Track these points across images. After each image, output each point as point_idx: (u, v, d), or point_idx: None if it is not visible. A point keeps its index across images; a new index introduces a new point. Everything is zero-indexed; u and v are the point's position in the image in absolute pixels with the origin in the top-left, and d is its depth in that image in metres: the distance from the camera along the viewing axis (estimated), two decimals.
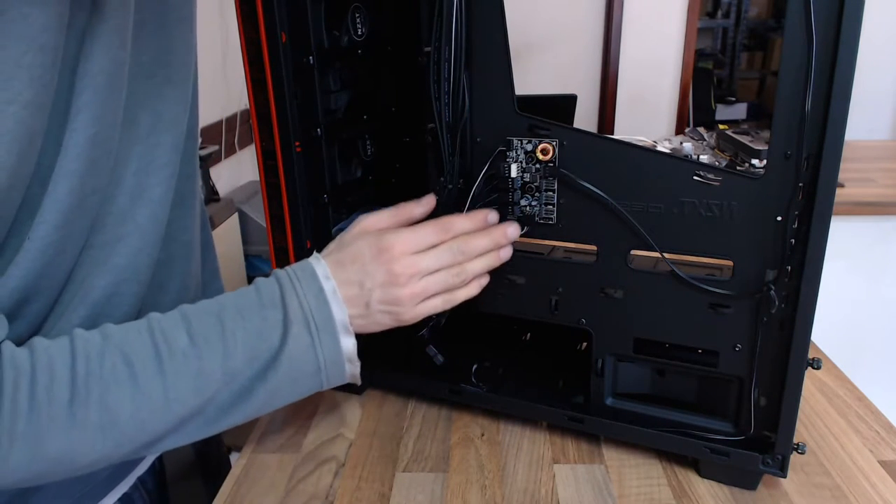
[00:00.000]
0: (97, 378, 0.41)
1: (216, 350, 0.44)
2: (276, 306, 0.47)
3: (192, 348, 0.44)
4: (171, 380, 0.43)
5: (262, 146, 0.61)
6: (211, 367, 0.44)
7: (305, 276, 0.48)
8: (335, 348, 0.48)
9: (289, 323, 0.46)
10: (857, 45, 0.42)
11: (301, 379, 0.48)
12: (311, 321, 0.47)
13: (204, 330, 0.44)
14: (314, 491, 0.57)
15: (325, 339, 0.47)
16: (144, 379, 0.42)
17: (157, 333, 0.44)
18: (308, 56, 0.58)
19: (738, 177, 0.49)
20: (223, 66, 1.91)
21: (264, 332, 0.46)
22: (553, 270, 0.58)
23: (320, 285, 0.48)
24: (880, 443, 0.61)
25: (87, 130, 0.42)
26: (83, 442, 0.41)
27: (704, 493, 0.56)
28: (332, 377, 0.49)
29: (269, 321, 0.46)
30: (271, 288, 0.48)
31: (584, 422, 0.61)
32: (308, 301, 0.47)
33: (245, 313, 0.46)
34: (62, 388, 0.40)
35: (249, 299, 0.47)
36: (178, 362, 0.43)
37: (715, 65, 3.09)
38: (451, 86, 0.52)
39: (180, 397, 0.43)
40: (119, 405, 0.41)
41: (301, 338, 0.46)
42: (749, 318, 0.51)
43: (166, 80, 0.51)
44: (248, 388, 0.46)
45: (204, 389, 0.44)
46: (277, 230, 0.64)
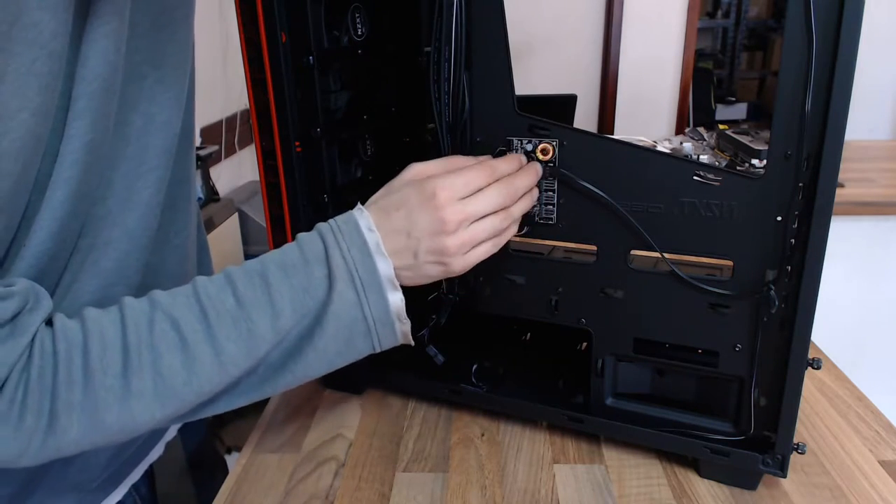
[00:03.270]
0: (148, 345, 0.41)
1: (264, 309, 0.44)
2: (321, 262, 0.45)
3: (239, 310, 0.43)
4: (221, 342, 0.42)
5: (262, 146, 0.61)
6: (260, 326, 0.43)
7: (348, 228, 0.47)
8: (382, 305, 0.46)
9: (333, 279, 0.45)
10: (857, 45, 0.42)
11: (351, 339, 0.47)
12: (356, 277, 0.45)
13: (250, 290, 0.44)
14: (314, 491, 0.57)
15: (372, 296, 0.46)
16: (194, 343, 0.42)
17: (203, 297, 0.43)
18: (308, 56, 0.58)
19: (738, 177, 0.49)
20: (223, 66, 1.91)
21: (310, 289, 0.45)
22: (553, 270, 0.58)
23: (364, 238, 0.46)
24: (880, 443, 0.61)
25: (83, 137, 0.42)
26: (140, 409, 0.41)
27: (704, 493, 0.56)
28: (384, 337, 0.48)
29: (314, 277, 0.45)
30: (314, 243, 0.46)
31: (584, 422, 0.61)
32: (352, 255, 0.46)
33: (289, 270, 0.45)
34: (115, 358, 0.40)
35: (293, 256, 0.46)
36: (227, 324, 0.43)
37: (715, 65, 3.09)
38: (451, 86, 0.52)
39: (232, 359, 0.43)
40: (172, 371, 0.41)
41: (346, 295, 0.45)
42: (749, 318, 0.51)
43: (158, 81, 0.50)
44: (297, 347, 0.45)
45: (254, 350, 0.43)
46: (277, 230, 0.64)
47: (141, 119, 0.49)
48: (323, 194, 0.63)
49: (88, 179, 0.44)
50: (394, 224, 0.48)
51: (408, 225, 0.48)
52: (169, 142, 0.52)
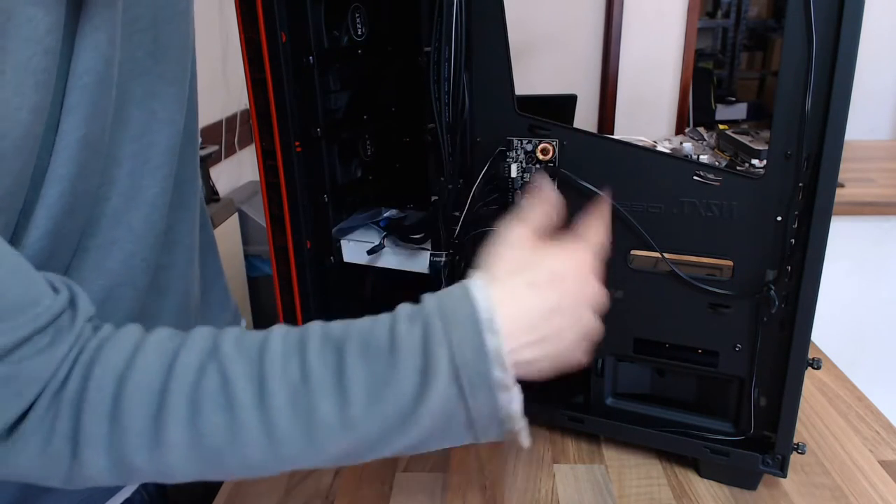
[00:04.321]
0: (188, 397, 0.36)
1: (330, 393, 0.37)
2: (415, 352, 0.37)
3: (302, 385, 0.37)
4: (273, 417, 0.36)
5: (262, 146, 0.61)
6: (322, 411, 0.37)
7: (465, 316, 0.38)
8: (490, 407, 0.38)
9: (432, 375, 0.37)
10: (857, 45, 0.42)
11: (448, 432, 0.39)
12: (464, 379, 0.37)
13: (320, 365, 0.37)
14: (314, 491, 0.57)
15: (479, 399, 0.37)
16: (242, 411, 0.36)
17: (267, 358, 0.37)
18: (308, 56, 0.58)
19: (738, 177, 0.49)
20: (223, 66, 1.91)
21: (393, 381, 0.37)
22: None
23: (479, 337, 0.37)
24: (880, 443, 0.61)
25: (76, 132, 0.41)
26: (175, 461, 0.37)
27: (704, 493, 0.56)
28: (489, 433, 0.40)
29: (399, 369, 0.37)
30: (413, 329, 0.38)
31: (584, 422, 0.61)
32: (461, 353, 0.37)
33: (371, 353, 0.38)
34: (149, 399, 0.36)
35: (380, 337, 0.38)
36: (283, 398, 0.36)
37: (715, 65, 3.09)
38: (451, 86, 0.52)
39: (285, 437, 0.37)
40: (211, 432, 0.36)
41: (445, 393, 0.37)
42: (749, 318, 0.51)
43: (160, 76, 0.49)
44: (376, 442, 0.38)
45: (314, 433, 0.37)
46: (277, 230, 0.64)
47: (143, 115, 0.48)
48: (323, 194, 0.63)
49: (85, 176, 0.43)
50: (550, 304, 0.40)
51: (563, 303, 0.41)
52: (173, 139, 0.51)
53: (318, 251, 0.65)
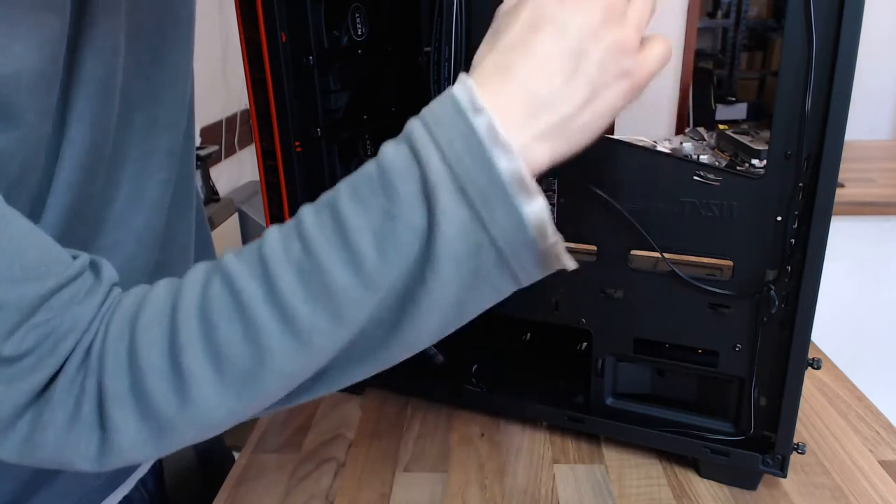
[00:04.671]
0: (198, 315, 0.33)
1: (338, 254, 0.32)
2: (407, 172, 0.32)
3: (307, 259, 0.32)
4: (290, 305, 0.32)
5: (262, 146, 0.61)
6: (337, 278, 0.32)
7: (445, 112, 0.32)
8: (514, 219, 0.31)
9: (432, 194, 0.31)
10: (857, 45, 0.42)
11: (479, 274, 0.33)
12: (468, 186, 0.31)
13: (318, 230, 0.33)
14: (314, 491, 0.57)
15: (497, 210, 0.31)
16: (255, 310, 0.32)
17: (266, 248, 0.33)
18: (308, 56, 0.58)
19: (738, 177, 0.49)
20: (223, 66, 1.91)
21: (399, 214, 0.32)
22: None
23: (470, 123, 0.31)
24: (880, 443, 0.61)
25: (83, 141, 0.41)
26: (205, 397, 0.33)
27: (704, 493, 0.56)
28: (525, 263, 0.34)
29: (399, 197, 0.32)
30: (399, 147, 0.33)
31: (584, 422, 0.61)
32: (454, 152, 0.31)
33: (363, 193, 0.32)
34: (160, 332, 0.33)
35: (368, 173, 0.33)
36: (293, 281, 0.32)
37: (715, 65, 3.08)
38: (451, 86, 0.52)
39: (310, 326, 0.32)
40: (231, 347, 0.32)
41: (456, 214, 0.31)
42: (749, 318, 0.51)
43: (163, 82, 0.50)
44: (404, 298, 0.33)
45: (340, 309, 0.32)
46: None
47: (146, 120, 0.48)
48: None
49: (91, 181, 0.43)
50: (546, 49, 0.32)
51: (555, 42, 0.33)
52: (175, 143, 0.52)
53: None
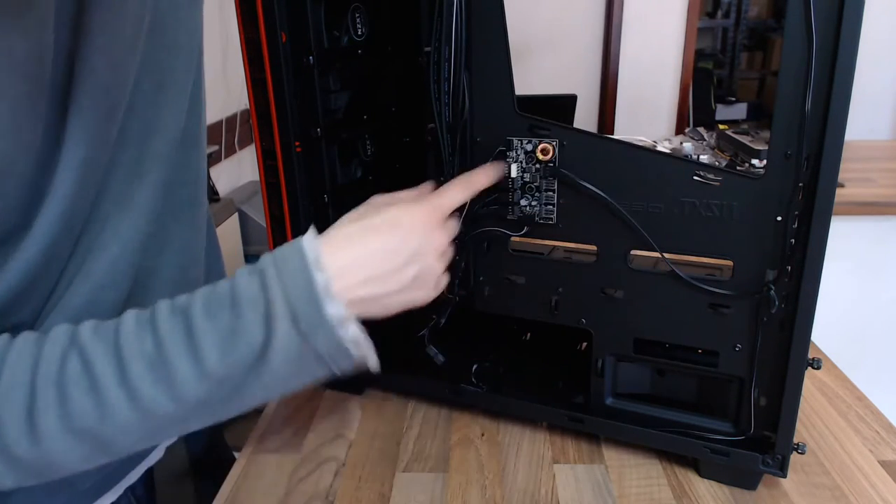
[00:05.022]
0: (55, 384, 0.39)
1: (184, 354, 0.40)
2: (254, 303, 0.41)
3: (157, 353, 0.40)
4: (136, 387, 0.39)
5: (262, 146, 0.61)
6: (181, 371, 0.40)
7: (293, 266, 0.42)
8: (334, 340, 0.42)
9: (272, 320, 0.40)
10: (857, 45, 0.42)
11: (303, 369, 0.43)
12: (300, 320, 0.41)
13: (170, 332, 0.40)
14: (314, 491, 0.57)
15: (321, 335, 0.41)
16: (105, 385, 0.39)
17: (122, 337, 0.40)
18: (308, 56, 0.58)
19: (738, 177, 0.49)
20: (223, 66, 1.91)
21: (241, 332, 0.41)
22: (553, 270, 0.58)
23: (311, 278, 0.41)
24: (880, 443, 0.61)
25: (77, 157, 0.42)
26: (57, 449, 0.39)
27: (704, 493, 0.56)
28: (342, 363, 0.43)
29: (244, 320, 0.41)
30: (251, 282, 0.42)
31: (584, 422, 0.61)
32: (293, 299, 0.41)
33: (215, 311, 0.41)
34: (21, 395, 0.38)
35: (221, 295, 0.42)
36: (142, 368, 0.40)
37: (715, 65, 3.09)
38: (451, 86, 0.52)
39: (153, 403, 0.40)
40: (83, 413, 0.39)
41: (290, 336, 0.41)
42: (749, 318, 0.51)
43: (156, 86, 0.50)
44: (241, 383, 0.41)
45: (180, 393, 0.40)
46: (277, 230, 0.64)
47: (139, 124, 0.49)
48: (323, 194, 0.63)
49: (84, 193, 0.44)
50: (386, 245, 0.45)
51: (402, 245, 0.46)
52: (167, 147, 0.51)
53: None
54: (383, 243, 0.45)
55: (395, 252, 0.45)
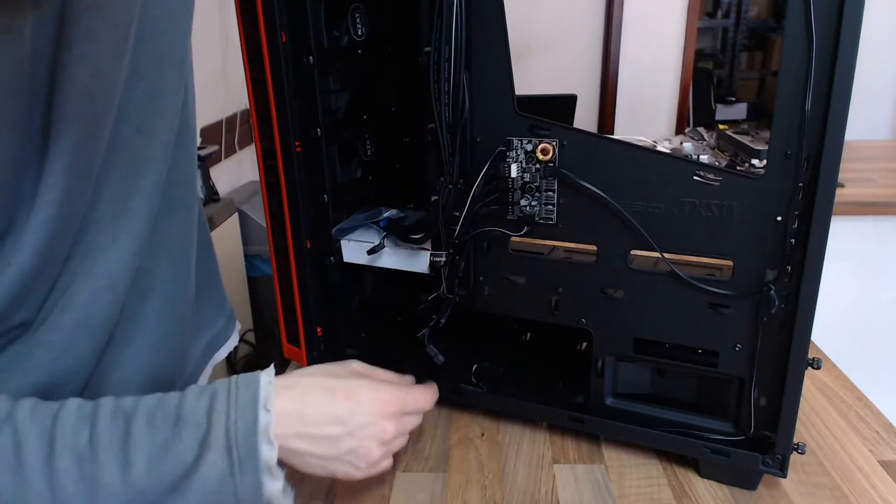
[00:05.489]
0: None
1: (115, 457, 0.41)
2: (197, 424, 0.43)
3: (89, 450, 0.41)
4: (59, 478, 0.40)
5: (262, 146, 0.61)
6: (106, 473, 0.41)
7: (245, 400, 0.44)
8: (255, 488, 0.43)
9: (207, 446, 0.42)
10: (857, 45, 0.42)
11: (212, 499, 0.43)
12: (234, 451, 0.43)
13: (107, 432, 0.41)
14: (314, 491, 0.57)
15: (246, 477, 0.43)
16: (31, 471, 0.39)
17: (59, 425, 0.41)
18: (308, 56, 0.58)
19: (738, 177, 0.49)
20: (223, 66, 1.91)
21: (174, 449, 0.42)
22: (553, 270, 0.58)
23: (256, 415, 0.44)
24: (880, 443, 0.61)
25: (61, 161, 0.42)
26: None
27: (704, 493, 0.56)
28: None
29: (181, 438, 0.42)
30: (199, 403, 0.44)
31: (584, 422, 0.61)
32: (236, 429, 0.43)
33: (156, 423, 0.43)
34: None
35: (167, 408, 0.43)
36: (70, 461, 0.40)
37: (715, 65, 3.09)
38: (451, 86, 0.52)
39: (68, 498, 0.40)
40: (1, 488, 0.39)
41: (218, 465, 0.42)
42: (749, 318, 0.51)
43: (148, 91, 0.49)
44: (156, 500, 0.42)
45: (96, 495, 0.40)
46: (277, 230, 0.64)
47: (131, 130, 0.49)
48: (323, 194, 0.63)
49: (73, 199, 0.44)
50: (335, 411, 0.47)
51: (349, 418, 0.48)
52: (161, 150, 0.52)
53: (318, 251, 0.65)
54: (332, 408, 0.47)
55: (339, 421, 0.47)
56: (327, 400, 0.48)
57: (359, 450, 0.48)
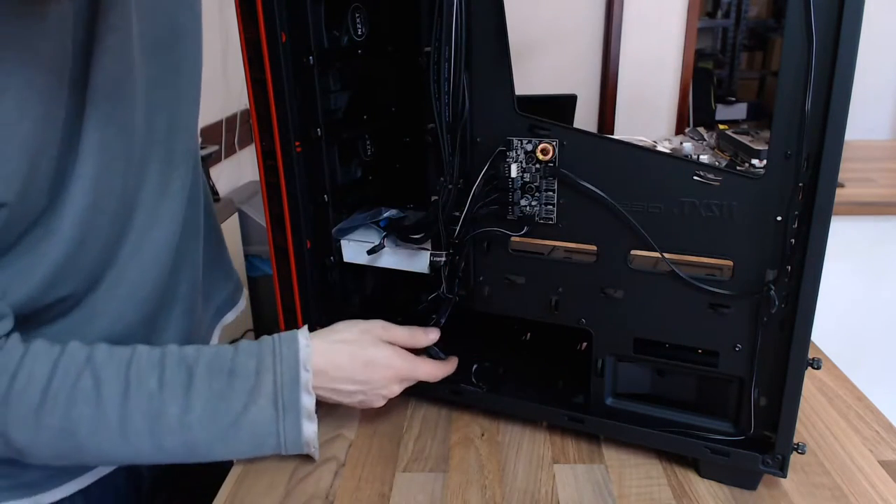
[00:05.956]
0: (67, 393, 0.47)
1: (178, 400, 0.50)
2: (248, 376, 0.52)
3: (158, 392, 0.49)
4: (130, 413, 0.48)
5: (262, 146, 0.61)
6: (169, 413, 0.49)
7: (289, 358, 0.54)
8: (296, 431, 0.54)
9: (257, 395, 0.52)
10: (857, 45, 0.42)
11: (261, 445, 0.54)
12: (280, 400, 0.52)
13: (173, 378, 0.50)
14: (314, 491, 0.57)
15: (289, 420, 0.53)
16: (108, 406, 0.48)
17: (133, 369, 0.49)
18: (308, 56, 0.58)
19: (738, 177, 0.49)
20: (223, 66, 1.91)
21: (228, 398, 0.51)
22: (553, 270, 0.58)
23: (298, 373, 0.53)
24: (880, 443, 0.61)
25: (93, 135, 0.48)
26: (46, 441, 0.48)
27: (704, 493, 0.56)
28: (291, 449, 0.55)
29: (235, 389, 0.51)
30: (250, 359, 0.53)
31: (584, 422, 0.61)
32: (282, 382, 0.53)
33: (214, 374, 0.51)
34: (34, 394, 0.46)
35: (223, 362, 0.52)
36: (141, 400, 0.49)
37: (715, 65, 3.09)
38: (451, 86, 0.52)
39: (135, 430, 0.49)
40: (79, 421, 0.47)
41: (265, 411, 0.52)
42: (749, 318, 0.51)
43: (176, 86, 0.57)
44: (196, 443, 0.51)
45: (158, 431, 0.49)
46: (277, 230, 0.64)
47: (165, 122, 0.56)
48: (323, 194, 0.63)
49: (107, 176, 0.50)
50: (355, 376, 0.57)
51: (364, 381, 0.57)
52: (192, 143, 0.59)
53: (318, 251, 0.65)
54: (353, 373, 0.57)
55: (357, 382, 0.57)
56: (350, 364, 0.57)
57: (366, 401, 0.59)
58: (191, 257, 0.65)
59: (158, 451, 0.51)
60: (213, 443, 0.51)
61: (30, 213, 0.45)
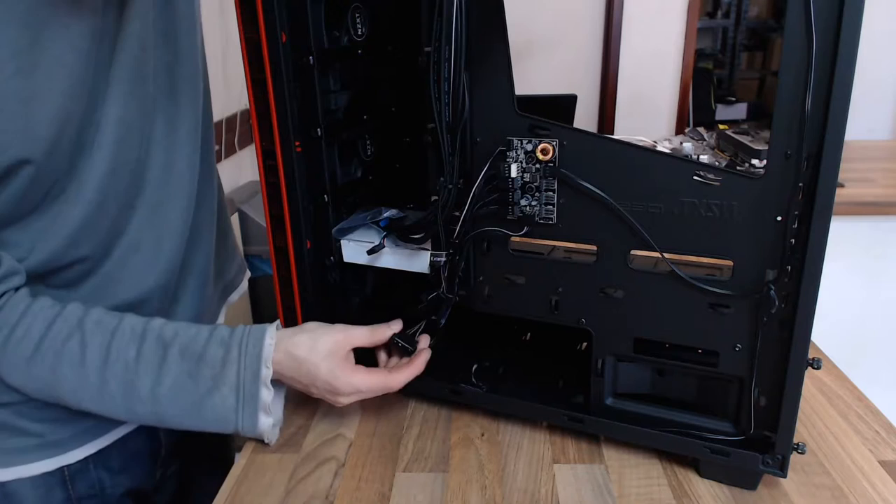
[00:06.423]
0: (56, 351, 0.53)
1: (151, 373, 0.55)
2: (214, 365, 0.56)
3: (134, 363, 0.55)
4: (107, 378, 0.54)
5: (262, 146, 0.61)
6: (141, 384, 0.55)
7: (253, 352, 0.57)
8: (252, 421, 0.57)
9: (220, 383, 0.56)
10: (857, 45, 0.42)
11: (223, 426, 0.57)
12: (241, 391, 0.57)
13: (149, 353, 0.55)
14: (314, 491, 0.57)
15: (247, 411, 0.57)
16: (90, 369, 0.54)
17: (116, 339, 0.55)
18: (308, 56, 0.58)
19: (738, 177, 0.49)
20: (223, 66, 1.91)
21: (196, 378, 0.56)
22: (553, 270, 0.58)
23: (259, 368, 0.57)
24: (880, 443, 0.61)
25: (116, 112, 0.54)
26: (34, 387, 0.55)
27: (704, 493, 0.56)
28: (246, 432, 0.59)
29: (201, 375, 0.56)
30: (219, 349, 0.57)
31: (584, 422, 0.61)
32: (245, 376, 0.57)
33: (186, 356, 0.56)
34: (28, 346, 0.52)
35: (196, 347, 0.57)
36: (119, 368, 0.54)
37: (715, 65, 3.08)
38: (451, 86, 0.52)
39: (110, 394, 0.55)
40: (64, 377, 0.54)
41: (228, 399, 0.56)
42: (749, 318, 0.51)
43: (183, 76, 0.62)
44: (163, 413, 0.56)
45: (130, 397, 0.55)
46: (277, 230, 0.64)
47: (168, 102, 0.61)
48: (323, 194, 0.63)
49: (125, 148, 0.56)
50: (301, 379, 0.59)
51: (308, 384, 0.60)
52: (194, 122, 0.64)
53: (318, 251, 0.65)
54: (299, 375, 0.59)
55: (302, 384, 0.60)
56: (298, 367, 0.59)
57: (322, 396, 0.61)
58: (206, 231, 0.70)
59: (131, 414, 0.57)
60: (180, 416, 0.56)
61: (52, 174, 0.51)
